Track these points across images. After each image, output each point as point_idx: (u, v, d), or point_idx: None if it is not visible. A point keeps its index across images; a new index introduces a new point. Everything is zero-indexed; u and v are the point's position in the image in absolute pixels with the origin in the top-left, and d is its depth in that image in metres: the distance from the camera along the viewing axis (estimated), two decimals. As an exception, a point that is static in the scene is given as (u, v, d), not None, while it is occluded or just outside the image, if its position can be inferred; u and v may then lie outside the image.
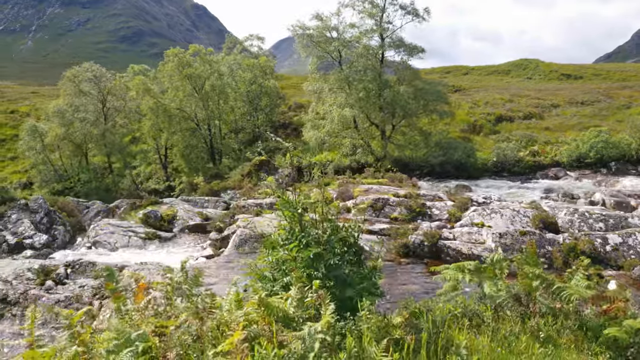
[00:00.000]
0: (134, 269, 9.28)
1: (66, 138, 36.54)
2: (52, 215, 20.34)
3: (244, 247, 11.82)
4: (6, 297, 8.78)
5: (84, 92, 36.30)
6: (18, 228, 19.40)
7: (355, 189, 15.05)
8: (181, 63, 32.32)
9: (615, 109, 37.52)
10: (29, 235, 19.09)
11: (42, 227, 19.81)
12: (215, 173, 31.79)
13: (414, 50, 26.60)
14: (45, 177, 37.43)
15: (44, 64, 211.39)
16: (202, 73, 32.27)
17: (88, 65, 37.52)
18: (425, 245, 11.07)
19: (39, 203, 20.22)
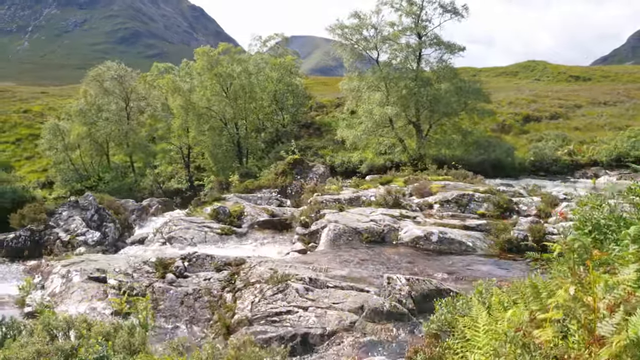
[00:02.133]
0: (254, 262, 9.07)
1: (89, 137, 36.17)
2: (102, 212, 20.05)
3: (338, 242, 11.62)
4: (132, 290, 8.54)
5: (108, 91, 35.94)
6: (70, 225, 19.11)
7: (432, 186, 14.89)
8: (210, 62, 32.07)
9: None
10: (82, 233, 18.80)
11: (93, 225, 19.53)
12: (246, 172, 31.51)
13: (454, 48, 26.54)
14: (66, 177, 36.99)
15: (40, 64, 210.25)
16: (232, 72, 32.03)
17: (110, 64, 37.20)
18: (529, 241, 10.92)
19: (89, 200, 19.93)
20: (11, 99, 57.79)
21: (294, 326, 7.31)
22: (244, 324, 7.58)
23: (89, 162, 38.13)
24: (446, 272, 9.51)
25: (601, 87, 59.68)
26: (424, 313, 7.65)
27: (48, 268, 10.09)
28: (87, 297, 8.69)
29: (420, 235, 11.20)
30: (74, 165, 37.14)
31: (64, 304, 8.70)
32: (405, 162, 28.37)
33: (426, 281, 7.99)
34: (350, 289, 7.91)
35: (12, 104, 55.33)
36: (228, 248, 13.11)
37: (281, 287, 8.02)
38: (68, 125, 36.84)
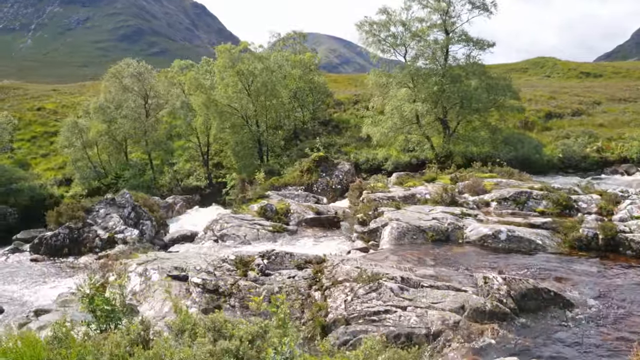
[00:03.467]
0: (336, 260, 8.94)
1: (108, 134, 36.08)
2: (138, 210, 19.97)
3: (402, 240, 11.49)
4: (218, 289, 8.43)
5: (127, 88, 35.82)
6: (108, 223, 19.04)
7: (485, 183, 14.74)
8: (232, 59, 31.91)
9: (665, 105, 37.43)
10: (120, 230, 18.73)
11: (130, 222, 19.45)
12: (269, 170, 31.36)
13: (483, 44, 26.37)
14: (84, 174, 36.89)
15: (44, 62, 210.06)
16: (254, 69, 31.87)
17: (129, 61, 37.11)
18: (599, 239, 10.79)
19: (125, 198, 19.83)
20: (24, 97, 57.68)
21: (396, 326, 7.19)
22: (340, 323, 7.47)
23: (107, 160, 38.08)
24: (526, 270, 9.39)
25: (616, 83, 59.41)
26: (526, 312, 7.55)
27: (122, 266, 9.97)
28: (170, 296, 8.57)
29: (488, 234, 11.07)
30: (92, 162, 37.06)
31: (146, 303, 8.60)
32: (431, 159, 28.23)
33: (523, 280, 7.87)
34: (446, 288, 7.78)
35: (25, 102, 55.22)
36: (284, 246, 12.99)
37: (373, 286, 7.89)
38: (87, 122, 36.76)
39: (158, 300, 8.49)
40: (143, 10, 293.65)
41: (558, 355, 6.66)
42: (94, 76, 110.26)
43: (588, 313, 7.63)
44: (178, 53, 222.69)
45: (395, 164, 29.12)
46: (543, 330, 7.19)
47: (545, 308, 7.62)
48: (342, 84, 57.80)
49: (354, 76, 72.35)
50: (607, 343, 6.91)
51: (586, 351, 6.74)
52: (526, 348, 6.80)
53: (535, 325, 7.29)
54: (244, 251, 9.61)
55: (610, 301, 8.04)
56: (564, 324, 7.33)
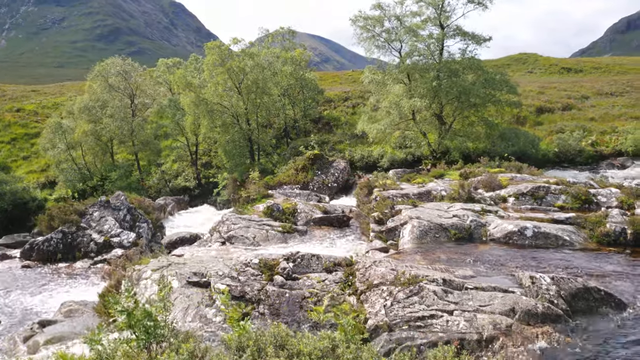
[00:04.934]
0: (367, 262, 8.45)
1: (93, 135, 35.07)
2: (134, 212, 19.25)
3: (425, 239, 11.04)
4: (244, 295, 7.87)
5: (112, 86, 34.84)
6: (103, 226, 18.29)
7: (501, 178, 14.39)
8: (222, 56, 31.18)
9: (652, 99, 37.77)
10: (116, 234, 18.02)
11: (126, 225, 18.74)
12: (262, 169, 30.74)
13: (480, 39, 26.12)
14: (68, 176, 35.84)
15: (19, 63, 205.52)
16: (244, 66, 31.18)
17: (113, 59, 36.12)
18: (628, 233, 10.49)
19: (120, 200, 19.08)
20: (2, 98, 56.05)
21: (445, 331, 6.72)
22: (382, 330, 6.97)
23: (92, 161, 37.05)
24: (562, 268, 9.02)
25: (598, 78, 60.10)
26: (577, 314, 7.15)
27: (135, 273, 9.32)
28: (192, 304, 8.00)
29: (513, 231, 10.68)
30: (77, 164, 36.03)
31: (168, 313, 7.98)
32: (427, 155, 27.95)
33: (571, 279, 7.47)
34: (492, 290, 7.34)
35: (3, 103, 53.63)
36: (298, 246, 12.46)
37: (414, 290, 7.41)
38: (71, 123, 35.71)
39: (180, 310, 7.90)
40: (120, 9, 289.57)
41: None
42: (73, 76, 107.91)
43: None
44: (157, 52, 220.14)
45: (391, 161, 28.80)
46: (599, 333, 6.79)
47: (596, 309, 7.23)
48: (327, 81, 57.37)
49: (338, 73, 71.97)
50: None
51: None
52: (584, 353, 6.39)
53: (590, 328, 6.89)
54: (266, 254, 9.04)
55: (658, 299, 7.68)
56: (619, 326, 6.94)
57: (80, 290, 12.71)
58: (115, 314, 4.71)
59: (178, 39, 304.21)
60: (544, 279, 7.39)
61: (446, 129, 26.99)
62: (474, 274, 8.21)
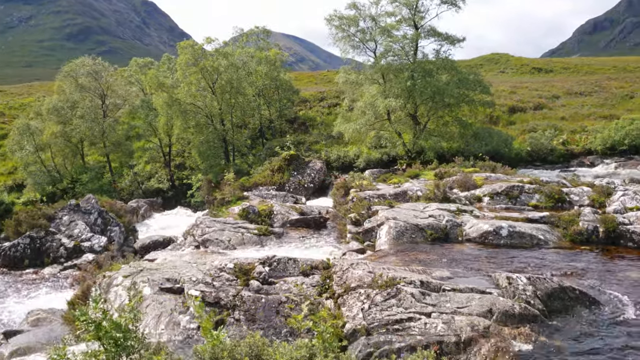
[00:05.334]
0: (345, 265, 8.35)
1: (63, 136, 34.22)
2: (105, 215, 18.79)
3: (401, 240, 11.00)
4: (219, 301, 7.69)
5: (83, 87, 34.06)
6: (73, 230, 17.80)
7: (476, 178, 14.45)
8: (195, 56, 30.75)
9: (619, 98, 38.67)
10: (87, 238, 17.56)
11: (97, 229, 18.27)
12: (237, 170, 30.43)
13: (454, 39, 26.31)
14: (37, 179, 34.90)
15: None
16: (218, 66, 30.82)
17: (83, 59, 35.33)
18: (600, 232, 10.63)
19: (91, 203, 18.61)
20: (-34, 98, 54.27)
21: (423, 334, 6.66)
22: (361, 334, 6.87)
23: (62, 163, 36.17)
24: (538, 267, 9.08)
25: (568, 77, 61.37)
26: (553, 313, 7.18)
27: (106, 280, 9.02)
28: (165, 311, 7.78)
29: (488, 230, 10.73)
30: (46, 166, 35.13)
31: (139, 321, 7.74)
32: (402, 155, 28.04)
33: (547, 279, 7.50)
34: (469, 291, 7.31)
35: (-32, 104, 51.99)
36: (273, 249, 12.30)
37: (392, 292, 7.34)
38: (39, 124, 34.79)
39: (152, 317, 7.67)
40: (90, 8, 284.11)
41: (596, 358, 6.30)
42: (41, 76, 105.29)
43: (615, 312, 7.33)
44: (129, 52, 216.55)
45: (367, 161, 28.80)
46: (575, 332, 6.82)
47: (572, 308, 7.27)
48: (302, 81, 57.26)
49: (314, 73, 71.93)
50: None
51: (623, 355, 6.41)
52: (561, 353, 6.41)
53: (566, 328, 6.92)
54: (242, 258, 8.86)
55: (632, 298, 7.77)
56: (593, 325, 6.99)
57: (49, 298, 12.29)
58: (81, 326, 4.50)
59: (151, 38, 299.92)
60: (521, 279, 7.40)
61: (421, 128, 27.12)
62: (451, 275, 8.19)
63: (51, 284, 14.35)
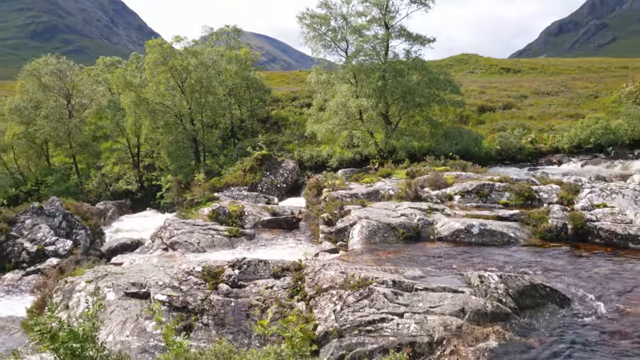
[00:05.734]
0: (317, 266, 8.21)
1: (26, 137, 33.18)
2: (70, 218, 18.21)
3: (374, 239, 10.92)
4: (187, 305, 7.45)
5: (47, 86, 33.10)
6: (36, 234, 17.19)
7: (447, 176, 14.48)
8: (164, 54, 30.18)
9: (585, 98, 39.57)
10: (51, 242, 16.99)
11: (62, 232, 17.70)
12: (207, 170, 29.99)
13: (424, 40, 26.45)
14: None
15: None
16: (187, 65, 30.32)
17: (46, 58, 34.37)
18: (569, 229, 10.75)
19: (55, 206, 18.02)
20: None
21: (396, 335, 6.57)
22: (333, 336, 6.74)
23: (25, 165, 35.11)
24: (509, 265, 9.10)
25: (535, 78, 62.65)
26: (525, 311, 7.18)
27: (68, 285, 8.66)
28: (131, 317, 7.50)
29: (460, 229, 10.73)
30: (8, 168, 34.03)
31: (103, 327, 7.45)
32: (375, 154, 28.08)
33: (518, 277, 7.50)
34: (442, 290, 7.26)
35: None
36: (244, 252, 12.07)
37: (364, 293, 7.23)
38: (1, 124, 33.68)
39: (117, 323, 7.38)
40: (56, 6, 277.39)
41: (567, 356, 6.31)
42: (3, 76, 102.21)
43: (586, 308, 7.37)
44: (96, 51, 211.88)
45: (340, 160, 28.73)
46: (546, 329, 6.83)
47: (543, 305, 7.28)
48: (274, 81, 56.92)
49: (286, 73, 71.65)
50: (611, 340, 6.64)
51: (593, 349, 6.44)
52: (533, 350, 6.40)
53: (537, 325, 6.92)
54: (211, 261, 8.63)
55: (601, 293, 7.85)
56: (566, 322, 7.01)
57: (9, 305, 11.78)
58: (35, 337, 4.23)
59: (119, 37, 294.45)
60: (492, 277, 7.39)
61: (392, 128, 27.20)
62: (423, 274, 8.13)
63: (12, 291, 13.80)
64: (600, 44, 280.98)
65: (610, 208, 11.16)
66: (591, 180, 20.26)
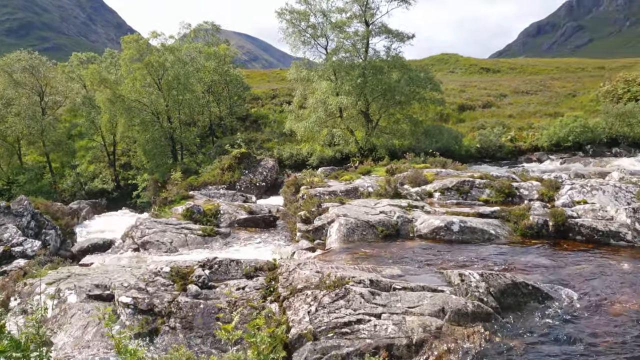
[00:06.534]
0: (291, 265, 7.85)
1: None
2: (39, 218, 17.58)
3: (352, 237, 10.60)
4: (153, 308, 7.04)
5: (19, 83, 32.17)
6: (2, 235, 16.52)
7: (427, 173, 14.23)
8: (140, 50, 29.53)
9: (563, 97, 39.88)
10: (18, 242, 16.33)
11: (30, 233, 17.06)
12: (185, 169, 29.41)
13: (403, 36, 26.24)
14: (-31, 181, 32.72)
15: None
16: (164, 61, 29.70)
17: (18, 53, 33.43)
18: (550, 225, 10.57)
19: (23, 205, 17.36)
20: None
21: (373, 337, 6.24)
22: (307, 339, 6.39)
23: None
24: (490, 263, 8.86)
25: (514, 78, 63.13)
26: (507, 310, 6.92)
27: (27, 288, 8.17)
28: (93, 321, 7.06)
29: (440, 226, 10.47)
30: (-22, 168, 33.02)
31: (62, 332, 7.02)
32: (355, 153, 27.83)
33: (500, 275, 7.24)
34: (421, 289, 6.96)
35: None
36: (217, 251, 11.66)
37: (340, 293, 6.90)
38: (-29, 122, 32.63)
39: (77, 328, 6.94)
40: (32, 3, 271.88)
41: (550, 356, 6.07)
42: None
43: (567, 306, 7.15)
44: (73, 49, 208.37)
45: (320, 159, 28.45)
46: (529, 329, 6.57)
47: (525, 304, 7.03)
48: (255, 79, 56.36)
49: (267, 71, 71.09)
50: (595, 339, 6.42)
51: (577, 349, 6.20)
52: (515, 351, 6.14)
53: (519, 324, 6.66)
54: (180, 261, 8.21)
55: (584, 291, 7.64)
56: (548, 321, 6.77)
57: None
58: (-31, 346, 3.80)
59: (97, 35, 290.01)
60: (473, 276, 7.11)
61: (373, 126, 26.98)
62: (402, 272, 7.83)
63: None
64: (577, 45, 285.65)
65: (591, 204, 11.01)
66: (570, 177, 20.26)
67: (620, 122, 27.23)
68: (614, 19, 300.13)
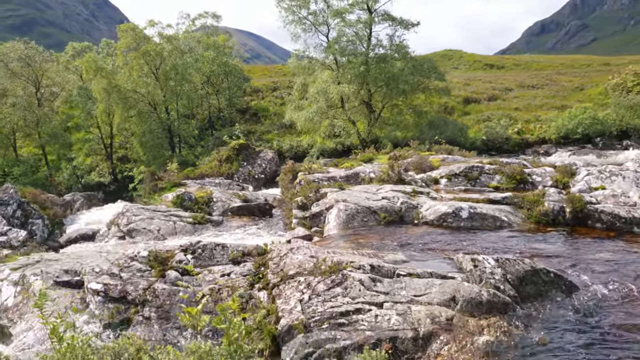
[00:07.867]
0: (283, 250, 7.05)
1: (-9, 126, 31.48)
2: (26, 207, 16.81)
3: (352, 223, 9.79)
4: (126, 295, 6.24)
5: (15, 73, 31.43)
6: (-14, 224, 15.74)
7: (433, 160, 13.43)
8: (137, 39, 28.74)
9: (570, 90, 38.97)
10: (3, 232, 15.56)
11: (15, 222, 16.29)
12: (182, 161, 28.63)
13: (408, 24, 25.38)
14: (-37, 173, 31.98)
15: None
16: (161, 51, 28.92)
17: (14, 43, 32.69)
18: (566, 212, 9.74)
19: (9, 194, 16.60)
20: None
21: (374, 329, 5.44)
22: (298, 331, 5.59)
23: (-10, 156, 33.38)
24: (503, 250, 8.05)
25: (519, 73, 62.18)
26: (527, 300, 6.10)
27: (-11, 274, 7.39)
28: (59, 309, 6.26)
29: (447, 212, 9.66)
30: (-27, 160, 32.29)
31: (23, 322, 6.24)
32: (357, 145, 27.01)
33: (518, 261, 6.42)
34: (429, 276, 6.15)
35: None
36: (207, 239, 10.85)
37: (337, 279, 6.10)
38: (-35, 113, 31.93)
39: (41, 317, 6.11)
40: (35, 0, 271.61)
41: (576, 351, 5.25)
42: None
43: (592, 296, 6.33)
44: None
45: (321, 151, 27.65)
46: (552, 322, 5.76)
47: (546, 293, 6.22)
48: (256, 74, 55.59)
49: (268, 67, 70.36)
50: (625, 332, 5.60)
51: (605, 343, 5.39)
52: (537, 347, 5.32)
53: (541, 317, 5.85)
54: (161, 245, 7.42)
55: (608, 281, 6.82)
56: (572, 312, 5.95)
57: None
58: None
59: (100, 32, 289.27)
60: (488, 261, 6.29)
61: (375, 117, 26.16)
62: (406, 258, 7.02)
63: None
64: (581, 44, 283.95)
65: (611, 190, 10.18)
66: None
67: (631, 114, 26.34)
68: (618, 17, 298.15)
